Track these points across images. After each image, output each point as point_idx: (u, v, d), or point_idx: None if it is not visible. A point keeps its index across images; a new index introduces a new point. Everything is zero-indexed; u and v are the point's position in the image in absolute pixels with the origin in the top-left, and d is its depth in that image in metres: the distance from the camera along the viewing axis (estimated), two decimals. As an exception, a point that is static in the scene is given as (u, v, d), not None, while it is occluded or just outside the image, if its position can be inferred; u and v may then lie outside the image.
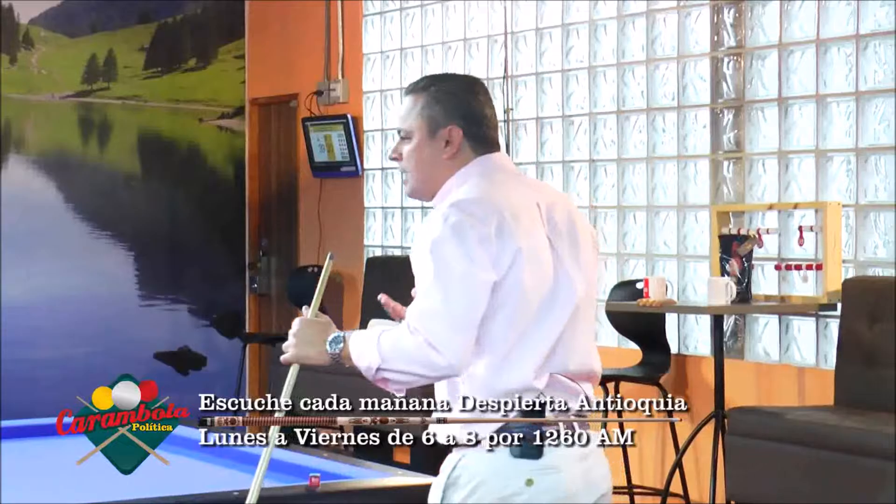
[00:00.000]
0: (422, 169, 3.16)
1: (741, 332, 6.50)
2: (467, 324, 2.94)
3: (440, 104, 3.13)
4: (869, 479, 4.94)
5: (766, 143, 6.43)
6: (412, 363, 2.95)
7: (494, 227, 2.97)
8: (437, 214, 3.03)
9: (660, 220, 6.92)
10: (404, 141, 3.18)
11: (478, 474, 2.99)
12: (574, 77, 7.38)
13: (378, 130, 8.83)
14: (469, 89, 3.17)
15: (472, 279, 2.95)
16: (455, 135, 3.11)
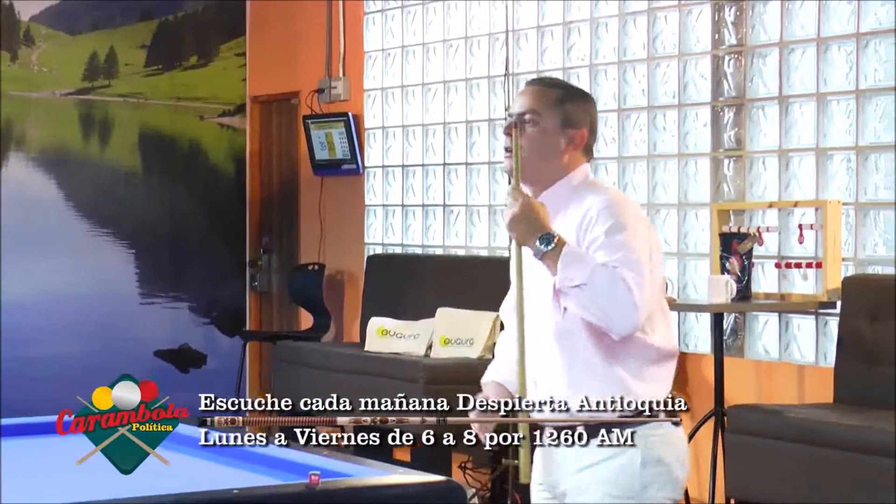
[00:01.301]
0: (539, 154, 3.38)
1: (741, 330, 6.51)
2: (657, 293, 3.31)
3: (578, 106, 3.42)
4: (869, 477, 4.95)
5: (767, 142, 6.44)
6: (609, 303, 3.18)
7: (648, 227, 3.38)
8: (602, 206, 3.29)
9: (660, 218, 6.93)
10: (528, 124, 3.38)
11: (666, 446, 3.31)
12: (575, 75, 7.39)
13: (379, 128, 8.84)
14: (594, 103, 3.49)
15: (655, 255, 3.30)
16: (581, 138, 3.41)
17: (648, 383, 3.34)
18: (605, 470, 3.33)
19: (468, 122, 8.13)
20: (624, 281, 3.20)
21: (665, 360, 3.38)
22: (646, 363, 3.34)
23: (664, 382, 3.38)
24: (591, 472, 3.35)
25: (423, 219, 8.51)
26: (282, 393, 8.04)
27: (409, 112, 8.59)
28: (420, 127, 8.51)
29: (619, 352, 3.32)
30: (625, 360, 3.33)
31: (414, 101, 8.55)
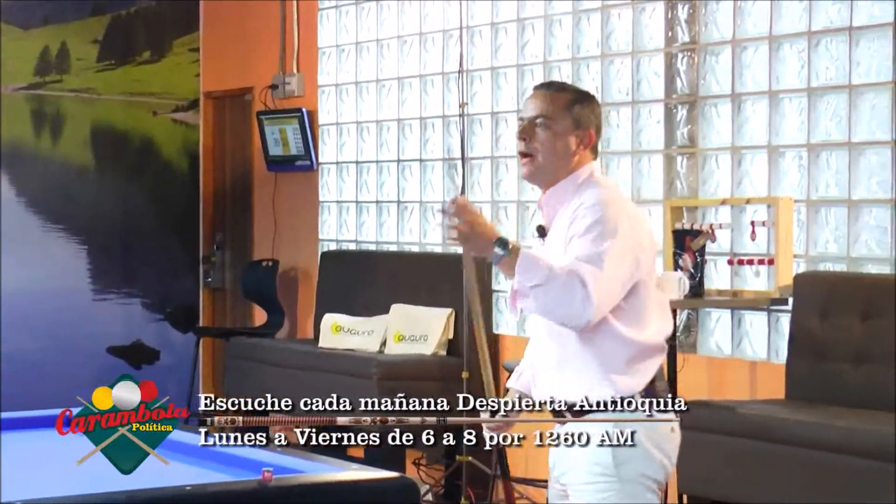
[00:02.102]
0: (553, 156, 3.58)
1: (694, 326, 6.54)
2: (611, 300, 3.41)
3: (587, 108, 3.61)
4: (820, 473, 4.98)
5: (719, 139, 6.47)
6: (564, 299, 3.35)
7: (641, 223, 3.54)
8: (593, 201, 3.47)
9: (614, 215, 6.94)
10: (540, 127, 3.58)
11: (639, 428, 3.42)
12: (529, 72, 7.40)
13: (333, 124, 8.83)
14: (598, 104, 3.68)
15: (626, 263, 3.42)
16: (590, 138, 3.60)
17: (631, 376, 3.50)
18: (588, 449, 3.46)
19: (422, 118, 8.13)
20: (579, 278, 3.35)
21: (652, 354, 3.55)
22: (632, 357, 3.51)
23: (647, 374, 3.52)
24: (577, 453, 3.51)
25: (377, 215, 8.50)
26: (234, 390, 8.03)
27: (363, 108, 8.59)
28: (374, 123, 8.51)
29: (604, 349, 3.50)
30: (610, 357, 3.50)
31: (368, 98, 8.54)
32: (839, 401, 5.46)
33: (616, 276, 3.42)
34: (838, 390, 5.51)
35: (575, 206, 3.53)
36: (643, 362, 3.53)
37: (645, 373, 3.52)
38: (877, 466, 4.78)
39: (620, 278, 3.45)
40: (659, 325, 3.57)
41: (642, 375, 3.52)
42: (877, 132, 5.84)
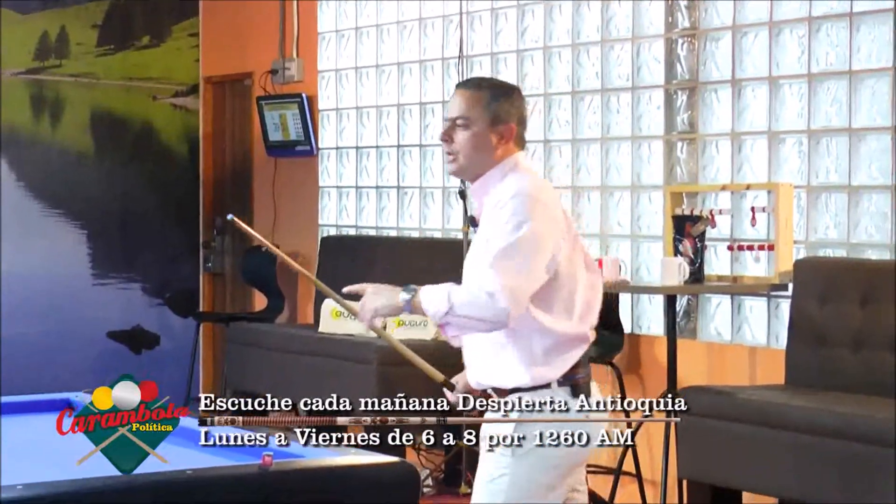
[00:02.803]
0: (475, 154, 3.70)
1: (694, 312, 6.54)
2: (528, 288, 3.50)
3: (504, 103, 3.72)
4: (819, 458, 4.99)
5: (720, 125, 6.47)
6: (476, 313, 3.48)
7: (557, 210, 3.63)
8: (511, 194, 3.58)
9: (614, 201, 6.95)
10: (461, 127, 3.70)
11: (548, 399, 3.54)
12: (529, 57, 7.40)
13: (333, 110, 8.82)
14: (520, 95, 3.79)
15: (542, 252, 3.53)
16: (510, 132, 3.71)
17: (549, 367, 3.62)
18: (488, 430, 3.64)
19: (422, 103, 8.12)
20: (480, 286, 3.49)
21: (574, 345, 3.65)
22: (550, 348, 3.62)
23: (565, 364, 3.64)
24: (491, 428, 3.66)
25: (376, 200, 8.50)
26: (234, 375, 8.03)
27: (363, 93, 8.58)
28: (374, 108, 8.50)
29: (523, 339, 3.61)
30: (528, 347, 3.62)
31: (368, 83, 8.53)
32: (839, 386, 5.46)
33: (530, 264, 3.52)
34: (838, 376, 5.51)
35: (498, 195, 3.64)
36: (563, 353, 3.64)
37: (564, 363, 3.63)
38: (876, 452, 4.79)
39: (536, 266, 3.54)
40: (584, 315, 3.67)
41: (560, 365, 3.63)
42: (877, 118, 5.84)
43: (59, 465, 3.37)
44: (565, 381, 3.63)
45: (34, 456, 3.40)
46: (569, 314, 3.64)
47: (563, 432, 3.52)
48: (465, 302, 3.50)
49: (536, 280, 3.54)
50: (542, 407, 3.56)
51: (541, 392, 3.60)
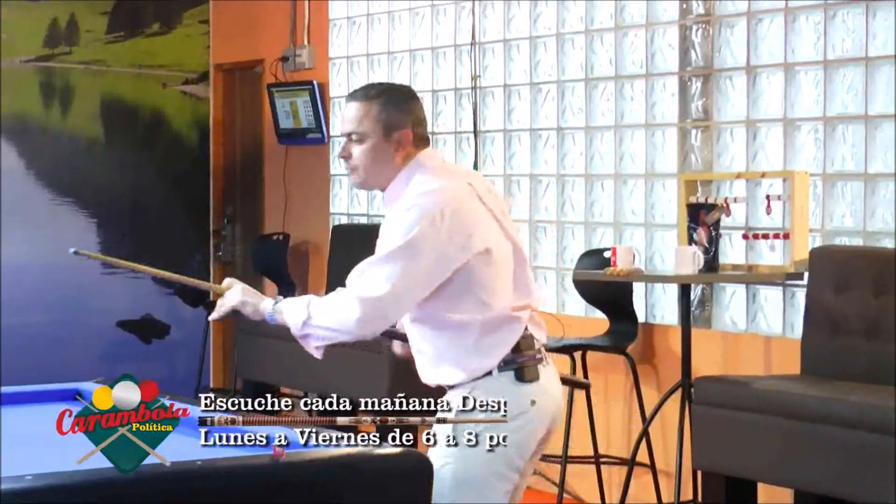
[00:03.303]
0: (374, 166, 3.73)
1: (708, 302, 6.53)
2: (396, 300, 3.60)
3: (394, 110, 3.74)
4: (834, 448, 4.98)
5: (734, 112, 6.45)
6: (335, 319, 3.61)
7: (465, 204, 3.64)
8: (409, 203, 3.62)
9: (627, 189, 6.94)
10: (355, 143, 3.74)
11: (487, 396, 3.50)
12: (542, 44, 7.38)
13: (344, 97, 8.79)
14: (412, 96, 3.83)
15: (421, 262, 3.58)
16: (406, 137, 3.73)
17: (481, 356, 3.67)
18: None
19: (434, 91, 8.11)
20: (344, 291, 3.63)
21: (499, 327, 3.68)
22: (477, 338, 3.66)
23: (500, 348, 3.67)
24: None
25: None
26: (245, 364, 8.03)
27: (375, 81, 8.56)
28: (386, 96, 8.47)
29: (447, 337, 3.69)
30: (455, 343, 3.68)
31: (379, 70, 8.52)
32: (855, 376, 5.45)
33: (402, 276, 3.58)
34: (854, 365, 5.50)
35: (401, 203, 3.68)
36: (491, 337, 3.67)
37: (498, 347, 3.67)
38: (893, 442, 4.77)
39: (410, 277, 3.58)
40: (506, 299, 3.69)
41: (495, 350, 3.67)
42: (894, 105, 5.81)
43: (68, 455, 3.36)
44: (506, 367, 3.67)
45: (43, 446, 3.39)
46: (487, 303, 3.66)
47: (499, 433, 3.53)
48: (321, 312, 3.63)
49: (410, 290, 3.60)
50: (481, 407, 3.52)
51: (482, 384, 3.66)
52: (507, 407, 3.52)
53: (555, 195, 7.30)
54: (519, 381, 3.67)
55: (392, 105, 3.75)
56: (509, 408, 3.53)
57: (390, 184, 3.75)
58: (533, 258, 7.41)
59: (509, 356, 3.67)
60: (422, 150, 3.77)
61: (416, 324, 3.75)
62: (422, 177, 3.70)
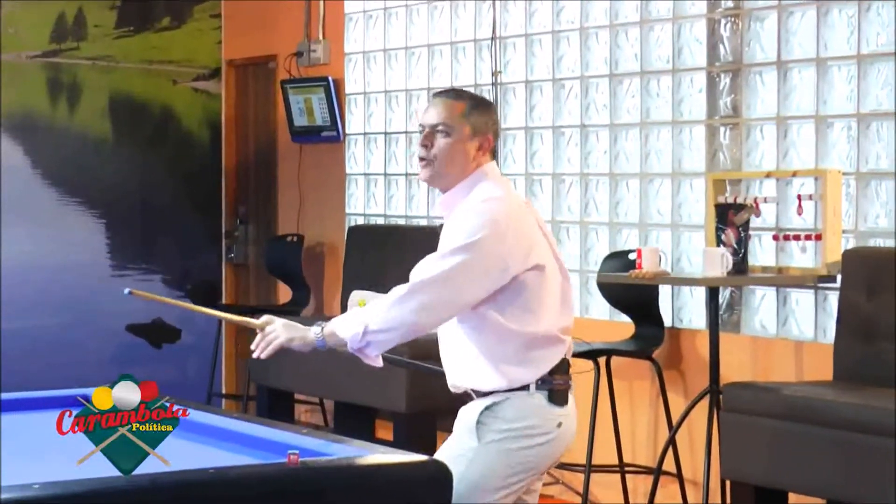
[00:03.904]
0: (452, 162, 3.89)
1: (737, 305, 6.52)
2: (451, 298, 3.77)
3: (484, 115, 3.94)
4: (868, 457, 4.97)
5: (764, 109, 6.44)
6: (393, 316, 3.76)
7: (523, 221, 3.82)
8: (476, 208, 3.80)
9: (653, 188, 6.94)
10: (441, 134, 3.89)
11: (521, 411, 3.79)
12: (565, 38, 7.38)
13: (360, 94, 8.83)
14: (495, 110, 4.04)
15: (482, 265, 3.74)
16: (488, 143, 3.93)
17: (524, 367, 3.82)
18: (466, 410, 3.91)
19: (453, 87, 8.11)
20: (399, 289, 3.79)
21: (546, 345, 3.84)
22: (521, 348, 3.81)
23: (542, 365, 3.83)
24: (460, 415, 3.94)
25: (406, 188, 8.50)
26: (258, 370, 8.05)
27: (392, 77, 8.58)
28: (403, 92, 8.50)
29: (492, 342, 3.82)
30: (499, 349, 3.82)
31: (397, 66, 8.53)
32: (889, 382, 5.44)
33: (460, 277, 3.74)
34: (888, 371, 5.49)
35: (463, 207, 3.87)
36: (535, 352, 3.82)
37: (539, 363, 3.82)
38: (928, 451, 4.77)
39: (467, 278, 3.75)
40: (554, 317, 3.86)
41: (536, 366, 3.82)
42: (930, 101, 5.81)
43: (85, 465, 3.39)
44: (542, 386, 3.82)
45: (50, 454, 3.41)
46: (536, 316, 3.81)
47: (521, 445, 3.78)
48: (377, 315, 3.77)
49: (469, 285, 3.75)
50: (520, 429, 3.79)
51: (515, 397, 3.81)
52: (536, 425, 3.82)
53: (578, 195, 7.30)
54: (551, 402, 3.84)
55: (481, 110, 3.95)
56: (538, 426, 3.82)
57: (455, 186, 3.92)
58: (555, 260, 7.40)
59: (547, 377, 3.83)
60: (491, 162, 3.96)
61: (463, 323, 3.85)
62: (487, 185, 3.88)
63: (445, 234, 3.88)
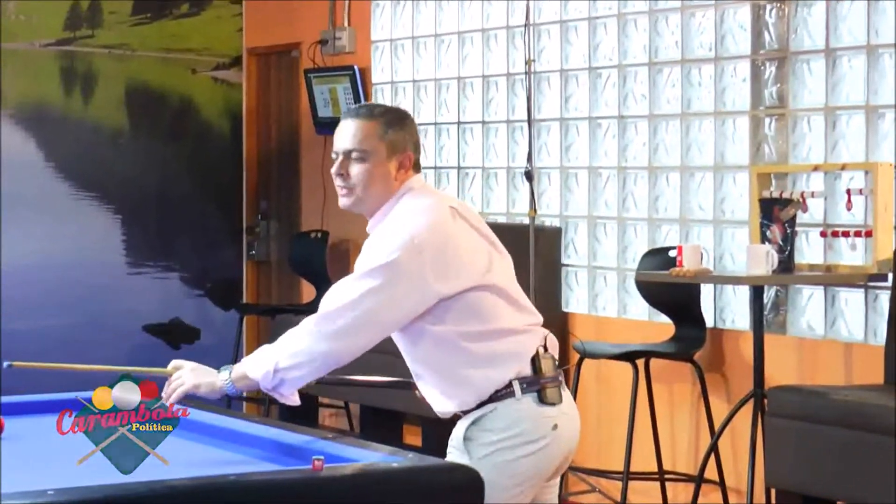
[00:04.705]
0: (373, 187, 3.82)
1: (783, 305, 6.51)
2: (376, 329, 3.72)
3: (402, 130, 3.85)
4: (921, 466, 4.96)
5: (812, 99, 6.42)
6: (302, 348, 3.68)
7: (445, 244, 3.72)
8: (395, 226, 3.73)
9: (695, 182, 6.92)
10: (356, 161, 3.81)
11: (509, 419, 3.71)
12: (602, 25, 7.37)
13: (388, 83, 8.83)
14: (412, 121, 3.93)
15: (406, 290, 3.68)
16: (408, 160, 3.84)
17: (497, 366, 3.74)
18: (453, 432, 3.84)
19: (485, 76, 8.12)
20: (309, 318, 3.73)
21: (512, 334, 3.77)
22: (489, 350, 3.74)
23: (511, 360, 3.75)
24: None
25: (435, 182, 8.51)
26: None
27: (421, 66, 8.58)
28: (432, 82, 8.50)
29: (458, 360, 3.75)
30: (462, 361, 3.75)
31: (426, 54, 8.54)
32: (943, 386, 5.43)
33: (371, 309, 3.68)
34: (942, 375, 5.47)
35: (382, 226, 3.82)
36: (502, 346, 3.74)
37: (511, 358, 3.74)
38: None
39: (380, 310, 3.68)
40: (512, 319, 3.78)
41: (510, 360, 3.74)
42: None
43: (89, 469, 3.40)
44: (529, 388, 3.73)
45: (63, 460, 3.42)
46: (493, 321, 3.74)
47: (516, 455, 3.70)
48: (286, 350, 3.69)
49: (385, 312, 3.68)
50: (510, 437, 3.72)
51: (503, 406, 3.72)
52: (527, 430, 3.73)
53: (615, 189, 7.29)
54: (542, 403, 3.75)
55: (396, 125, 3.85)
56: (530, 431, 3.73)
57: (380, 209, 3.85)
58: (592, 257, 7.41)
59: (532, 377, 3.75)
60: (415, 176, 3.87)
61: (418, 347, 3.81)
62: (410, 201, 3.81)
63: (362, 255, 3.79)
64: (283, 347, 3.70)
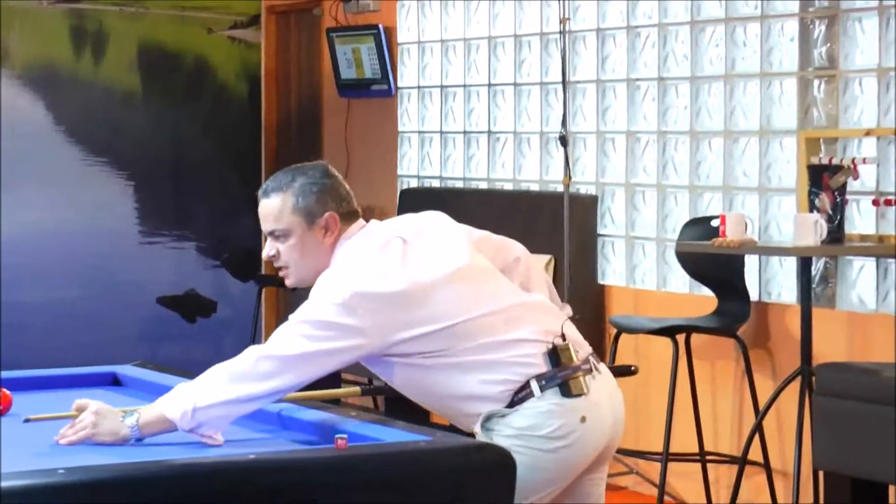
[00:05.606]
0: (306, 260, 3.86)
1: (832, 277, 6.50)
2: (304, 378, 3.66)
3: (313, 195, 3.87)
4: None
5: (864, 59, 6.40)
6: (245, 378, 3.58)
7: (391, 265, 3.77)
8: (335, 274, 3.77)
9: (739, 148, 6.91)
10: (280, 240, 3.87)
11: (532, 419, 3.67)
12: (641, -19, 7.36)
13: (414, 43, 8.82)
14: (326, 173, 3.95)
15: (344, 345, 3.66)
16: (333, 220, 3.86)
17: (505, 371, 3.72)
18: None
19: (517, 36, 8.10)
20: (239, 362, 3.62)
21: (518, 344, 3.75)
22: (495, 360, 3.72)
23: (516, 367, 3.72)
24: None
25: (464, 148, 8.50)
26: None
27: (449, 24, 8.57)
28: (462, 42, 8.49)
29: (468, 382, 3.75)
30: (468, 380, 3.75)
31: (454, 12, 8.52)
32: None
33: (301, 362, 3.64)
34: None
35: (322, 276, 3.81)
36: (507, 356, 3.72)
37: (516, 361, 3.71)
38: None
39: (308, 364, 3.65)
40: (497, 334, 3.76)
41: (515, 364, 3.71)
42: None
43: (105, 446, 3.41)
44: (549, 384, 3.69)
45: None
46: (469, 338, 3.72)
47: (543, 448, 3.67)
48: (207, 393, 3.53)
49: (314, 365, 3.66)
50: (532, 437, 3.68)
51: (524, 409, 3.69)
52: (555, 426, 3.69)
53: (655, 155, 7.28)
54: (566, 396, 3.71)
55: (307, 192, 3.86)
56: (557, 427, 3.70)
57: (324, 270, 3.82)
58: (630, 227, 7.40)
59: (550, 371, 3.71)
60: (351, 226, 3.91)
61: (424, 377, 3.79)
62: (345, 251, 3.84)
63: (311, 293, 3.77)
64: (205, 387, 3.56)
